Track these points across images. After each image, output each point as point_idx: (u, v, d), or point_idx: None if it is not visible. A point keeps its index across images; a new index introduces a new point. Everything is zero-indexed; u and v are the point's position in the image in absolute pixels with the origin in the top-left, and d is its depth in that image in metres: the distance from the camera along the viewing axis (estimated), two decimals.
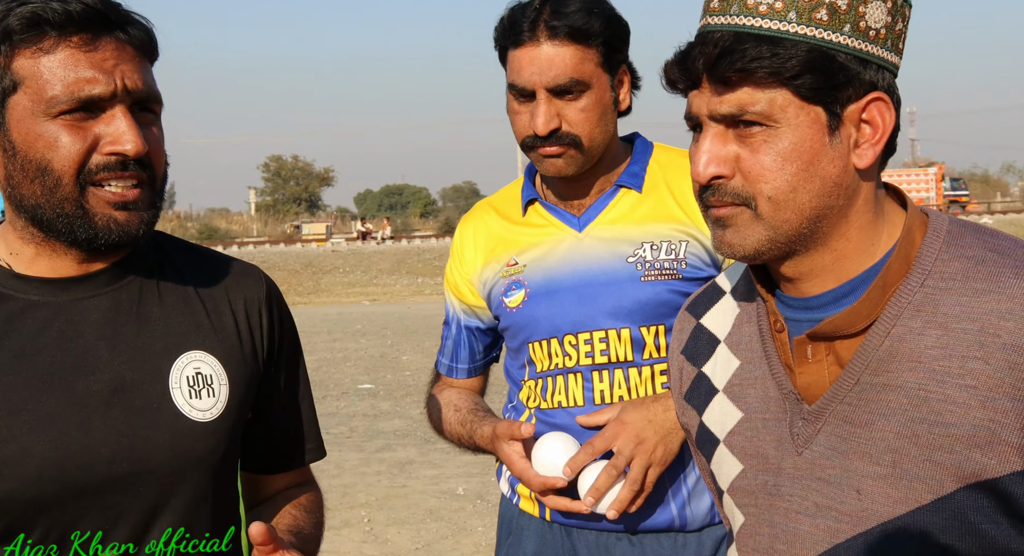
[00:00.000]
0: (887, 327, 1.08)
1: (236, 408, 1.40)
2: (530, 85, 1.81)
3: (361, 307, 22.74)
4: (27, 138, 1.25)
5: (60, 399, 1.27)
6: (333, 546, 5.49)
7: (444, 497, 6.37)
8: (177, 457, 1.32)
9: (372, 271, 31.23)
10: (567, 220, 1.95)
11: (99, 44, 1.25)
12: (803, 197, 1.08)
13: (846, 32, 1.05)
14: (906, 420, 1.05)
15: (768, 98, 1.06)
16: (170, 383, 1.34)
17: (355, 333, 16.31)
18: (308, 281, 29.64)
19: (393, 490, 6.57)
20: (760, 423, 1.19)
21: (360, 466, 7.24)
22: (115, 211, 1.27)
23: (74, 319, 1.32)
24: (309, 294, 27.19)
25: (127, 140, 1.25)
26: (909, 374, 1.06)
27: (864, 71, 1.07)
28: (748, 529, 1.22)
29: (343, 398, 10.19)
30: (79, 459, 1.26)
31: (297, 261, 32.83)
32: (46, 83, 1.23)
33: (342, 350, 14.09)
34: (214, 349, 1.40)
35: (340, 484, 6.74)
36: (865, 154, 1.09)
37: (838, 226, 1.11)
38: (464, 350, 2.12)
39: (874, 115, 1.08)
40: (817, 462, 1.13)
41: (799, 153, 1.07)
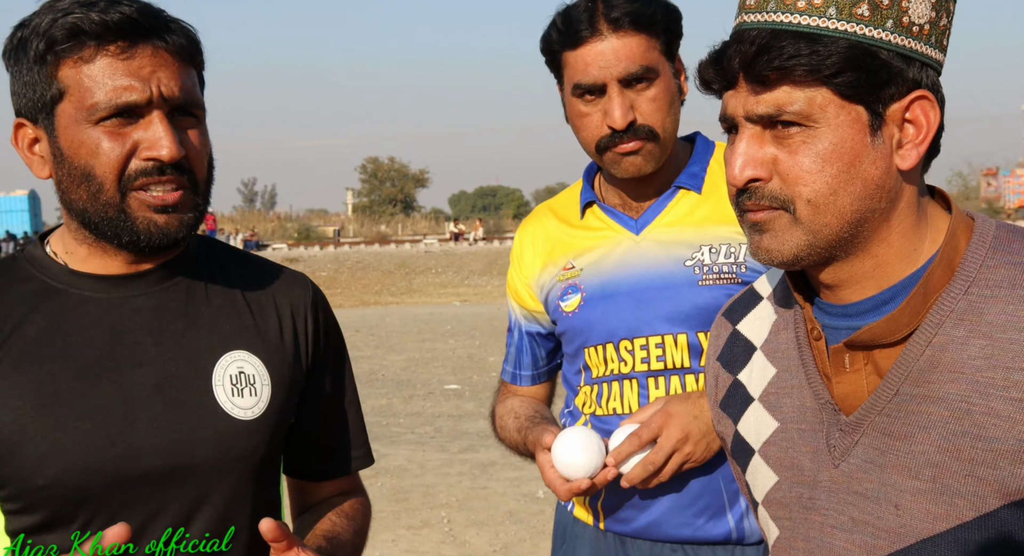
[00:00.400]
0: (928, 336, 1.04)
1: (278, 409, 1.42)
2: (600, 80, 1.77)
3: (452, 308, 22.94)
4: (72, 144, 1.30)
5: (107, 391, 1.32)
6: (412, 546, 5.54)
7: (524, 500, 6.36)
8: (218, 453, 1.35)
9: (464, 272, 31.49)
10: (624, 223, 1.92)
11: (136, 52, 1.28)
12: (844, 200, 1.03)
13: (888, 28, 1.01)
14: (947, 433, 1.01)
15: (807, 97, 1.02)
16: (213, 381, 1.38)
17: (444, 334, 16.45)
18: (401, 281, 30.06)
19: (474, 491, 6.60)
20: (796, 433, 1.16)
21: (443, 466, 7.29)
22: (155, 214, 1.31)
23: (123, 315, 1.36)
24: (402, 294, 27.57)
25: (162, 146, 1.29)
26: (951, 385, 1.02)
27: (907, 68, 1.03)
28: (782, 543, 1.19)
29: (429, 398, 10.28)
30: (123, 450, 1.30)
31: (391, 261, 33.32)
32: (87, 91, 1.28)
33: (431, 350, 14.23)
34: (258, 350, 1.43)
35: (422, 484, 6.80)
36: (908, 155, 1.05)
37: (879, 231, 1.06)
38: (527, 356, 2.10)
39: (918, 114, 1.04)
40: (854, 475, 1.09)
41: (839, 154, 1.02)
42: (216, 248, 1.53)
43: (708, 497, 1.82)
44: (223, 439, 1.36)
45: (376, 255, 35.27)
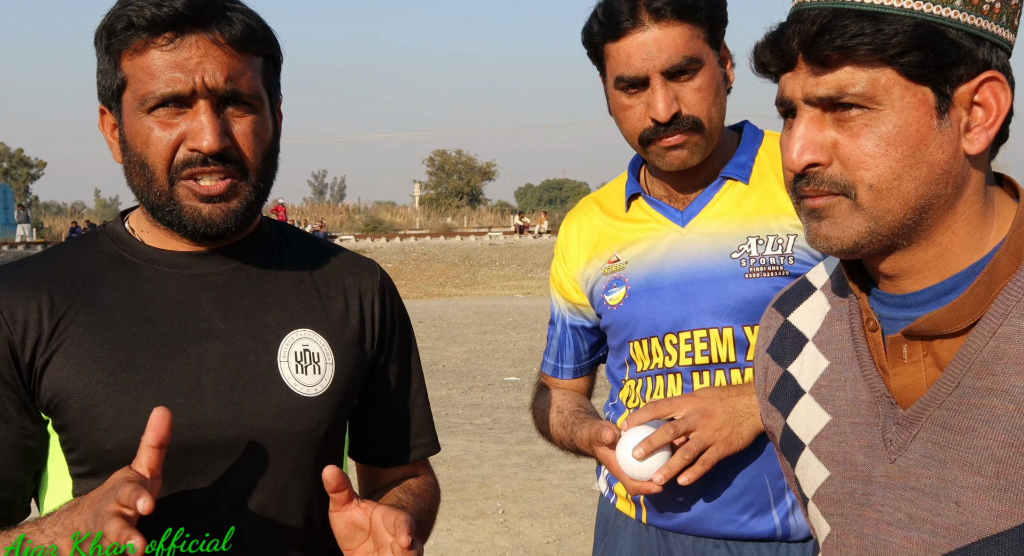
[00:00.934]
0: (993, 327, 0.99)
1: (341, 388, 1.44)
2: (643, 72, 1.74)
3: (514, 300, 22.97)
4: (131, 133, 1.35)
5: (176, 362, 1.36)
6: (467, 535, 5.56)
7: (579, 492, 6.34)
8: (280, 427, 1.37)
9: (528, 265, 31.50)
10: (670, 215, 1.88)
11: (182, 43, 1.31)
12: (908, 185, 0.99)
13: (957, 6, 0.97)
14: (1012, 428, 0.97)
15: (871, 78, 0.98)
16: (278, 357, 1.41)
17: (506, 326, 16.49)
18: (466, 273, 30.20)
19: (530, 483, 6.60)
20: (849, 427, 1.12)
21: (500, 458, 7.31)
22: (200, 203, 1.35)
23: (194, 289, 1.41)
24: (466, 286, 27.70)
25: (203, 137, 1.31)
26: (1017, 378, 0.97)
27: (977, 48, 0.98)
28: (834, 540, 1.15)
29: (488, 390, 10.31)
30: (188, 419, 1.32)
31: (456, 253, 33.49)
32: (141, 81, 1.33)
33: (492, 342, 14.27)
34: (323, 330, 1.46)
35: (478, 475, 6.82)
36: (977, 139, 1.00)
37: (944, 218, 1.02)
38: (570, 350, 2.08)
39: (987, 96, 0.99)
40: (912, 470, 1.05)
41: (904, 137, 0.98)
42: (287, 231, 1.57)
43: (753, 494, 1.79)
44: (285, 414, 1.38)
45: (441, 247, 35.48)
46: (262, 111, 1.39)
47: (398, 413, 1.59)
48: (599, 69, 1.87)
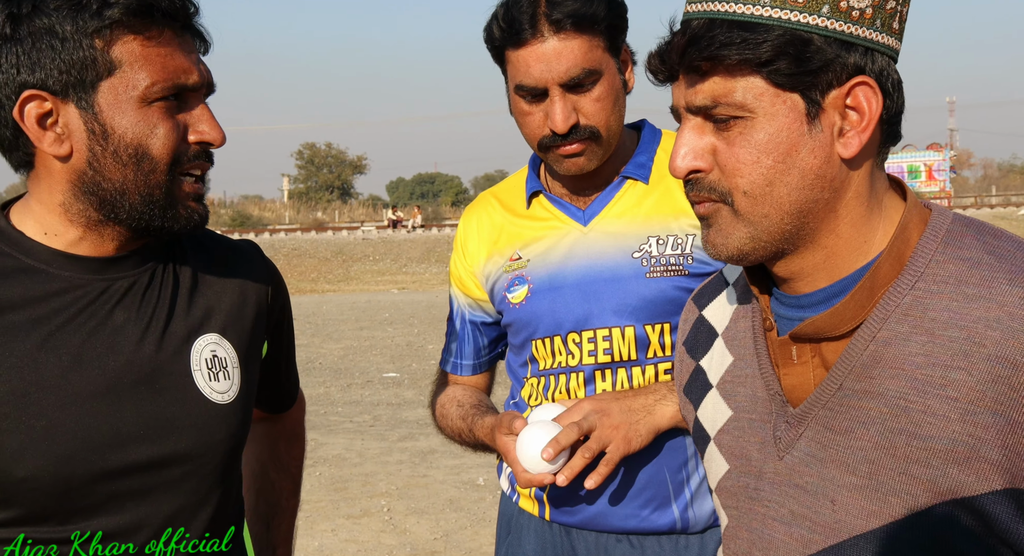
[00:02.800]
0: (873, 331, 1.02)
1: (247, 391, 1.45)
2: (542, 83, 1.74)
3: (390, 295, 22.81)
4: (123, 122, 1.26)
5: (91, 378, 1.28)
6: (352, 535, 5.50)
7: (464, 487, 6.36)
8: (202, 439, 1.36)
9: (402, 259, 31.32)
10: (572, 213, 1.90)
11: (187, 37, 1.31)
12: (781, 191, 1.02)
13: (824, 14, 0.99)
14: (884, 430, 1.00)
15: (742, 87, 1.01)
16: (191, 366, 1.38)
17: (382, 321, 16.36)
18: (338, 269, 29.78)
19: (414, 479, 6.58)
20: (747, 423, 1.16)
21: (382, 455, 7.25)
22: (193, 201, 1.34)
23: (104, 298, 1.33)
24: (339, 282, 27.32)
25: (214, 131, 1.33)
26: (891, 382, 1.00)
27: (847, 55, 1.00)
28: (730, 532, 1.19)
29: (368, 386, 10.21)
30: (109, 439, 1.27)
31: (328, 249, 32.98)
32: (145, 69, 1.26)
33: (369, 338, 14.13)
34: (227, 333, 1.44)
35: (361, 473, 6.75)
36: (851, 143, 1.02)
37: (826, 221, 1.04)
38: (469, 345, 2.08)
39: (860, 100, 1.01)
40: (796, 468, 1.08)
41: (776, 144, 1.01)
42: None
43: (653, 488, 1.83)
44: (206, 424, 1.36)
45: (312, 242, 34.89)
46: None
47: (283, 371, 1.71)
48: (501, 69, 1.87)
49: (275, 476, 1.81)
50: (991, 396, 0.94)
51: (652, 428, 1.74)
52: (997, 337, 0.95)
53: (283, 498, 1.82)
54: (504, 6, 1.78)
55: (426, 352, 12.50)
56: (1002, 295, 0.97)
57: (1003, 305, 0.96)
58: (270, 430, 1.83)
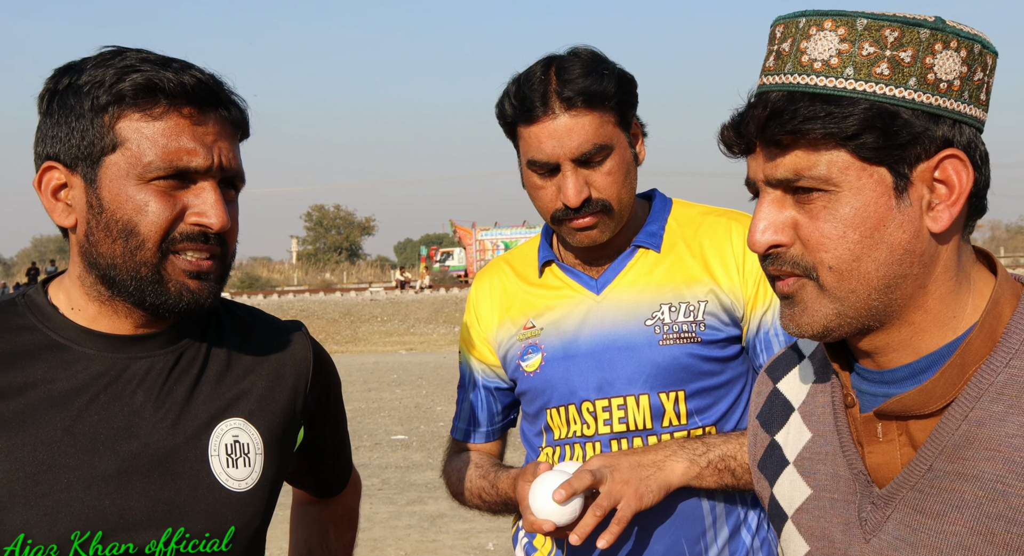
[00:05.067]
0: (965, 410, 0.99)
1: (271, 479, 1.41)
2: (554, 159, 1.77)
3: (398, 356, 22.76)
4: (117, 198, 1.27)
5: (103, 460, 1.28)
6: None
7: (474, 552, 6.27)
8: (214, 527, 1.33)
9: (410, 320, 31.34)
10: (585, 282, 1.91)
11: (204, 118, 1.29)
12: (868, 266, 0.99)
13: (911, 86, 0.97)
14: (981, 515, 0.96)
15: (826, 161, 0.99)
16: (209, 451, 1.35)
17: (390, 383, 16.29)
18: (346, 330, 29.79)
19: (423, 544, 6.49)
20: (828, 503, 1.12)
21: (391, 519, 7.17)
22: (189, 279, 1.30)
23: (125, 379, 1.32)
24: (347, 343, 27.31)
25: (214, 215, 1.29)
26: (986, 463, 0.96)
27: (935, 127, 0.98)
28: None
29: (376, 449, 10.14)
30: (115, 522, 1.26)
31: (336, 310, 33.04)
32: (147, 148, 1.26)
33: (377, 400, 14.06)
34: (254, 418, 1.41)
35: (370, 538, 6.67)
36: (940, 217, 0.99)
37: (915, 297, 1.01)
38: (483, 412, 2.06)
39: (949, 174, 0.99)
40: (885, 552, 1.04)
41: (863, 219, 0.99)
42: (219, 306, 1.50)
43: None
44: (218, 512, 1.33)
45: (320, 303, 34.96)
46: (238, 195, 1.39)
47: (329, 455, 1.67)
48: (513, 144, 1.90)
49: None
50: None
51: (663, 484, 1.72)
52: None
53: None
54: (516, 83, 1.82)
55: (435, 414, 12.43)
56: None
57: None
58: (319, 514, 1.78)
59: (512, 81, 1.83)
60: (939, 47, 0.98)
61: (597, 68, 1.78)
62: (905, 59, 0.97)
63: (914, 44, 0.97)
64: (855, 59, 0.98)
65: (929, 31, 0.98)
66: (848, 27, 0.98)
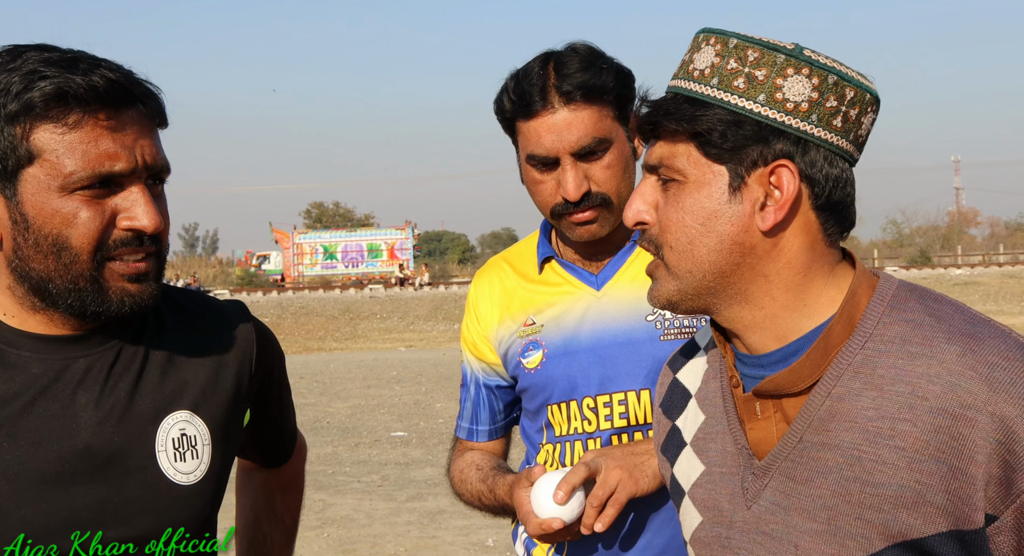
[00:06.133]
0: (828, 387, 1.12)
1: (219, 468, 1.41)
2: (553, 153, 1.78)
3: (397, 353, 22.76)
4: (43, 213, 1.23)
5: (47, 463, 1.26)
6: None
7: (474, 549, 6.27)
8: (164, 522, 1.33)
9: (409, 317, 31.34)
10: (585, 279, 1.91)
11: (122, 119, 1.25)
12: (701, 251, 1.14)
13: (760, 101, 1.10)
14: (841, 479, 1.09)
15: (681, 153, 1.14)
16: (156, 446, 1.34)
17: (390, 380, 16.30)
18: (345, 327, 29.80)
19: (423, 541, 6.50)
20: (718, 477, 1.24)
21: (390, 516, 7.17)
22: (128, 284, 1.28)
23: (65, 379, 1.31)
24: (346, 340, 27.31)
25: (147, 217, 1.26)
26: (846, 434, 1.09)
27: (776, 140, 1.11)
28: None
29: (376, 446, 10.14)
30: (63, 523, 1.25)
31: (335, 306, 33.04)
32: (66, 157, 1.21)
33: (376, 397, 14.07)
34: (200, 410, 1.40)
35: (370, 534, 6.67)
36: (767, 217, 1.12)
37: (756, 283, 1.15)
38: (484, 411, 2.06)
39: (782, 181, 1.11)
40: (763, 517, 1.16)
41: (699, 208, 1.13)
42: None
43: (671, 553, 1.81)
44: (167, 507, 1.33)
45: (320, 300, 34.95)
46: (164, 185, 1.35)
47: (275, 428, 1.69)
48: (511, 139, 1.90)
49: (267, 528, 1.79)
50: (934, 445, 1.04)
51: (657, 472, 1.72)
52: (938, 391, 1.05)
53: (274, 550, 1.79)
54: (514, 78, 1.82)
55: (434, 410, 12.44)
56: (941, 353, 1.06)
57: (942, 362, 1.06)
58: (266, 480, 1.80)
59: (510, 76, 1.84)
60: (791, 71, 1.10)
61: (595, 62, 1.79)
62: (759, 77, 1.11)
63: (769, 65, 1.11)
64: (721, 71, 1.12)
65: (784, 56, 1.11)
66: (723, 44, 1.13)
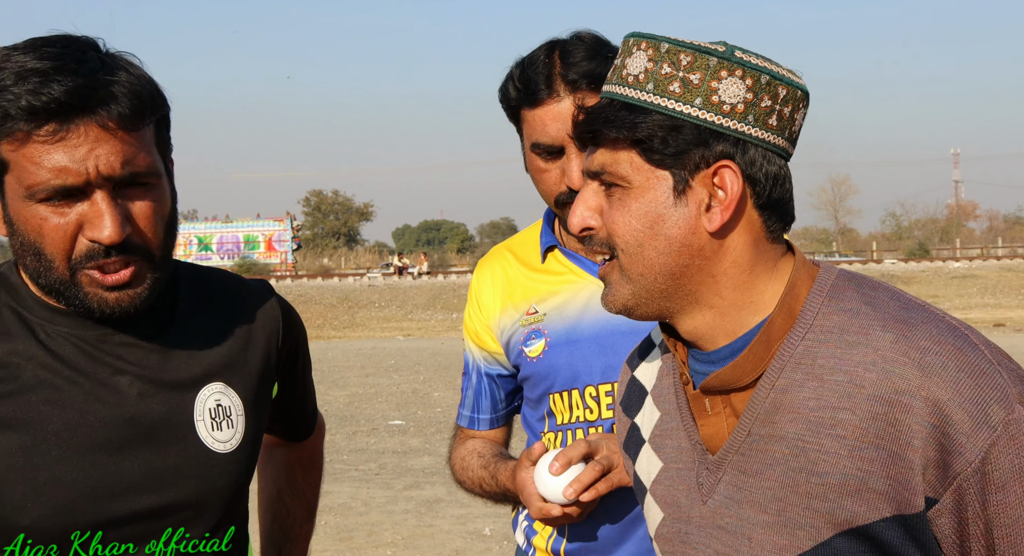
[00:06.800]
0: (772, 380, 1.12)
1: (252, 437, 1.47)
2: (558, 141, 1.77)
3: (395, 342, 22.77)
4: (20, 217, 1.26)
5: (94, 432, 1.31)
6: None
7: (471, 537, 6.28)
8: (202, 488, 1.38)
9: (408, 306, 31.34)
10: (588, 268, 1.90)
11: (68, 133, 1.21)
12: (650, 253, 1.13)
13: (697, 105, 1.10)
14: (788, 470, 1.10)
15: (624, 160, 1.13)
16: (194, 416, 1.40)
17: (388, 368, 16.31)
18: (344, 315, 29.80)
19: (420, 529, 6.51)
20: (675, 473, 1.24)
21: (388, 504, 7.18)
22: (105, 292, 1.28)
23: (103, 352, 1.35)
24: (344, 328, 27.32)
25: (103, 227, 1.24)
26: (790, 425, 1.10)
27: (716, 142, 1.11)
28: None
29: (373, 434, 10.15)
30: (109, 490, 1.30)
31: (334, 295, 33.03)
32: (25, 171, 1.23)
33: (374, 385, 14.08)
34: (233, 382, 1.45)
35: (367, 522, 6.68)
36: (714, 218, 1.12)
37: (705, 284, 1.15)
38: (486, 399, 2.06)
39: (725, 181, 1.12)
40: (718, 511, 1.17)
41: (645, 213, 1.13)
42: (183, 271, 1.51)
43: None
44: (207, 474, 1.39)
45: (318, 289, 34.94)
46: (160, 184, 1.32)
47: (298, 404, 1.73)
48: (516, 128, 1.89)
49: (290, 502, 1.84)
50: (873, 432, 1.05)
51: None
52: (874, 378, 1.05)
53: (296, 524, 1.84)
54: (520, 67, 1.81)
55: (432, 399, 12.45)
56: (876, 340, 1.07)
57: (877, 349, 1.06)
58: (287, 456, 1.85)
59: (516, 65, 1.82)
60: (724, 74, 1.10)
61: (601, 51, 1.78)
62: (694, 81, 1.11)
63: (702, 69, 1.11)
64: (656, 77, 1.12)
65: (716, 59, 1.11)
66: (655, 49, 1.12)
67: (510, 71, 1.83)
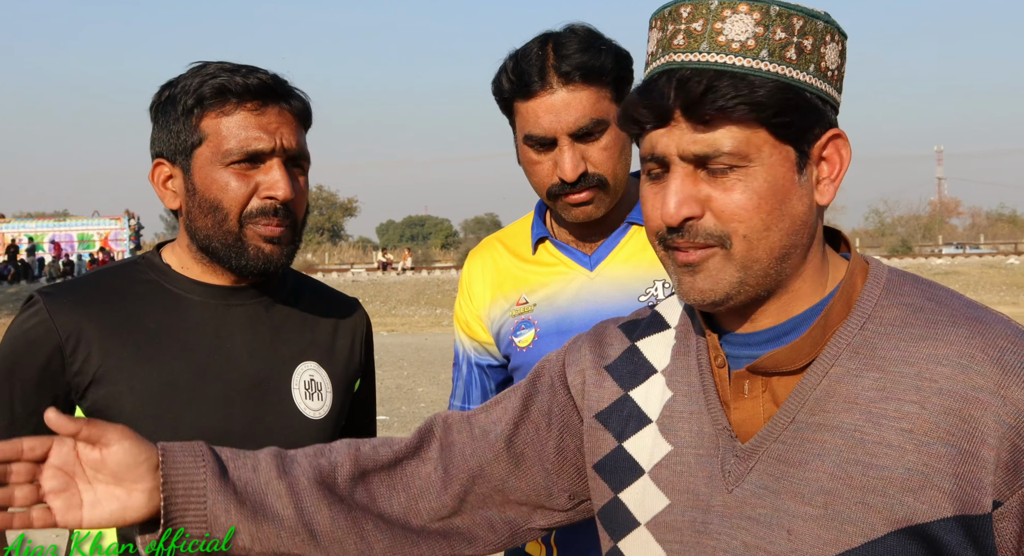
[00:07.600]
0: (825, 367, 1.08)
1: (337, 412, 1.75)
2: (551, 133, 1.77)
3: (379, 338, 22.71)
4: (205, 181, 1.61)
5: (211, 387, 1.61)
6: None
7: None
8: (294, 444, 1.46)
9: (391, 301, 31.30)
10: (578, 259, 1.90)
11: (266, 111, 1.61)
12: (775, 236, 1.07)
13: (811, 72, 1.07)
14: (840, 461, 1.05)
15: (745, 137, 1.05)
16: (292, 384, 1.69)
17: None
18: None
19: None
20: (692, 458, 1.18)
21: None
22: (264, 243, 1.62)
23: (226, 320, 1.67)
24: None
25: (280, 187, 1.60)
26: (845, 415, 1.06)
27: (825, 109, 1.09)
28: None
29: None
30: (219, 438, 1.45)
31: None
32: (223, 138, 1.60)
33: None
34: (324, 363, 1.75)
35: None
36: (826, 191, 1.10)
37: (798, 266, 1.11)
38: (476, 390, 2.06)
39: (833, 152, 1.09)
40: (748, 501, 1.11)
41: (773, 192, 1.06)
42: (291, 274, 1.81)
43: None
44: (297, 434, 1.64)
45: None
46: (307, 170, 1.69)
47: (363, 423, 1.91)
48: (509, 120, 1.89)
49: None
50: (944, 427, 1.01)
51: None
52: (948, 373, 1.02)
53: None
54: (513, 59, 1.81)
55: (416, 395, 12.40)
56: (947, 335, 1.05)
57: (950, 343, 1.04)
58: None
59: (509, 57, 1.83)
60: (828, 38, 1.08)
61: (594, 44, 1.78)
62: (807, 47, 1.06)
63: (814, 33, 1.07)
64: (769, 42, 1.04)
65: (823, 23, 1.08)
66: (762, 12, 1.05)
67: (503, 63, 1.84)
